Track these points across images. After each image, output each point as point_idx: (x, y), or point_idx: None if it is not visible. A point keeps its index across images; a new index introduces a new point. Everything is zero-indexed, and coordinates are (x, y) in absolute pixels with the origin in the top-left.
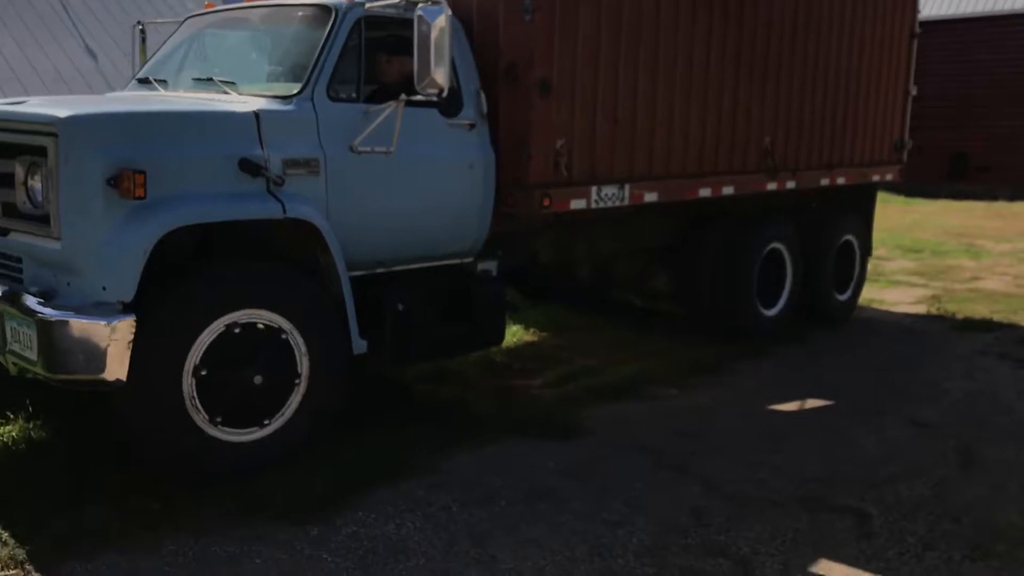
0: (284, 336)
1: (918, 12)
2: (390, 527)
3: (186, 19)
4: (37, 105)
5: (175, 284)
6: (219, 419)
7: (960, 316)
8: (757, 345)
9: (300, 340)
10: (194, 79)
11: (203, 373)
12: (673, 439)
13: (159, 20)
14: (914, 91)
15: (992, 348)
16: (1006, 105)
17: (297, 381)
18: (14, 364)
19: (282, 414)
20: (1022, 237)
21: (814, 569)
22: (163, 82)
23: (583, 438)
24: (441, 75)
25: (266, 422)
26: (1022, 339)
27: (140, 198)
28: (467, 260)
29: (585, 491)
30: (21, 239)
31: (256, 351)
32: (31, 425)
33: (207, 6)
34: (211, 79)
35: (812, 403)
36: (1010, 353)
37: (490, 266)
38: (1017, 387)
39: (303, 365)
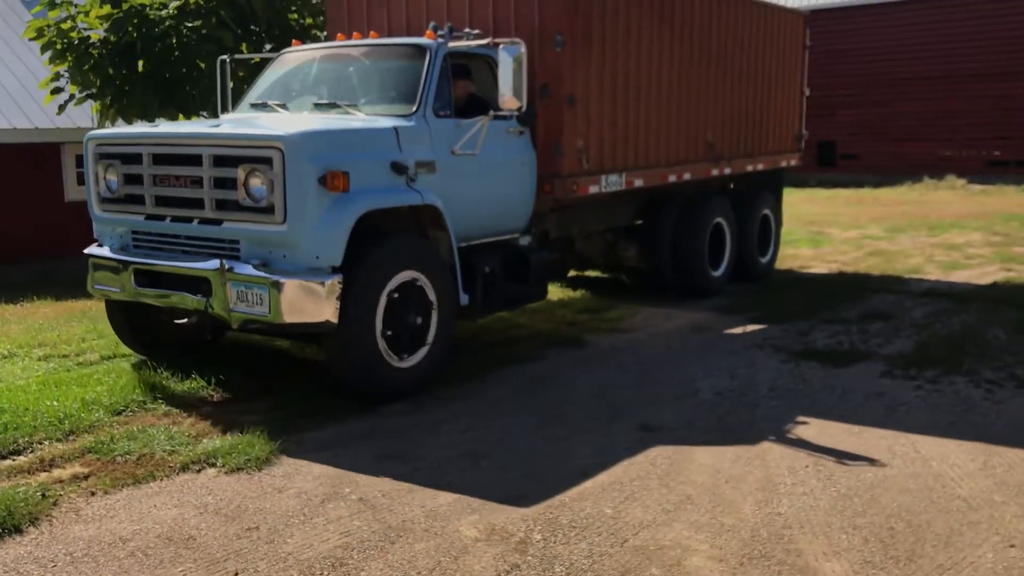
0: (422, 286)
1: (807, 29)
2: None
3: (281, 54)
4: (255, 127)
5: (369, 252)
6: (395, 350)
7: (761, 308)
8: (532, 350)
9: (432, 291)
10: (315, 103)
11: (387, 316)
12: (374, 464)
13: (244, 56)
14: (807, 92)
15: (773, 341)
16: (868, 93)
17: (434, 319)
18: (238, 318)
19: (427, 344)
20: (873, 223)
21: None
22: (282, 106)
23: (277, 466)
24: (520, 96)
25: (422, 348)
26: (808, 331)
27: (345, 191)
28: (515, 236)
29: (222, 536)
30: (238, 226)
31: (412, 299)
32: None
33: (294, 43)
34: (334, 103)
35: (549, 411)
36: (789, 346)
37: (528, 240)
38: (773, 383)
39: (435, 308)
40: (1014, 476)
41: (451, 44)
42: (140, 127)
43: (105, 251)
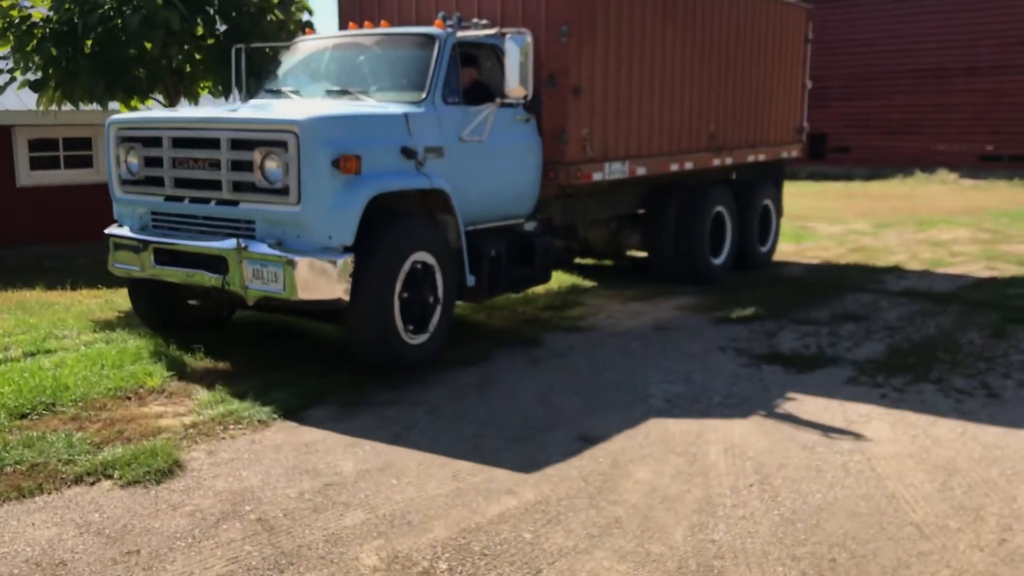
0: (431, 267)
1: (811, 23)
2: None
3: (295, 42)
4: (271, 112)
5: (386, 232)
6: (410, 328)
7: (731, 307)
8: (483, 350)
9: (439, 273)
10: (327, 90)
11: (404, 295)
12: (284, 479)
13: (260, 45)
14: (809, 85)
15: (737, 343)
16: (860, 86)
17: (440, 299)
18: (254, 295)
19: (434, 322)
20: (860, 218)
21: None
22: (295, 92)
23: (179, 479)
24: (526, 84)
25: (430, 326)
26: (775, 332)
27: (357, 174)
28: (521, 221)
29: (97, 561)
30: (254, 207)
31: (424, 280)
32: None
33: (308, 31)
34: (346, 90)
35: (487, 419)
36: (752, 348)
37: (533, 226)
38: (729, 390)
39: (441, 290)
40: (973, 499)
41: (460, 33)
42: (160, 112)
43: (125, 231)
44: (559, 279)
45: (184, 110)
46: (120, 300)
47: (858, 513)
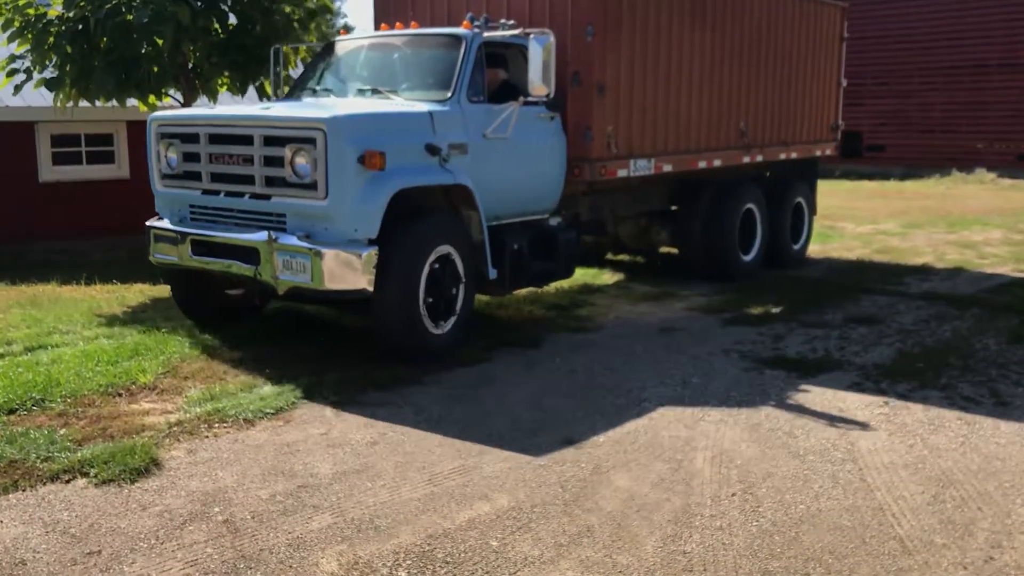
0: (454, 260)
1: (846, 21)
2: None
3: (328, 43)
4: (301, 111)
5: (411, 226)
6: (433, 317)
7: (742, 308)
8: (481, 351)
9: (462, 266)
10: (359, 89)
11: (427, 286)
12: (260, 480)
13: (295, 44)
14: (844, 83)
15: (742, 345)
16: (896, 83)
17: (462, 291)
18: (284, 285)
19: (456, 313)
20: (891, 218)
21: None
22: (329, 91)
23: (153, 478)
24: (548, 83)
25: (452, 317)
26: (784, 334)
27: (382, 169)
28: (544, 216)
29: (57, 561)
30: (284, 200)
31: (447, 272)
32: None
33: (342, 32)
34: (376, 90)
35: (473, 422)
36: (757, 352)
37: (557, 221)
38: (726, 394)
39: (464, 282)
40: (964, 513)
41: (486, 34)
42: (197, 110)
43: (165, 223)
44: (572, 277)
45: (220, 108)
46: (131, 296)
47: (841, 526)
